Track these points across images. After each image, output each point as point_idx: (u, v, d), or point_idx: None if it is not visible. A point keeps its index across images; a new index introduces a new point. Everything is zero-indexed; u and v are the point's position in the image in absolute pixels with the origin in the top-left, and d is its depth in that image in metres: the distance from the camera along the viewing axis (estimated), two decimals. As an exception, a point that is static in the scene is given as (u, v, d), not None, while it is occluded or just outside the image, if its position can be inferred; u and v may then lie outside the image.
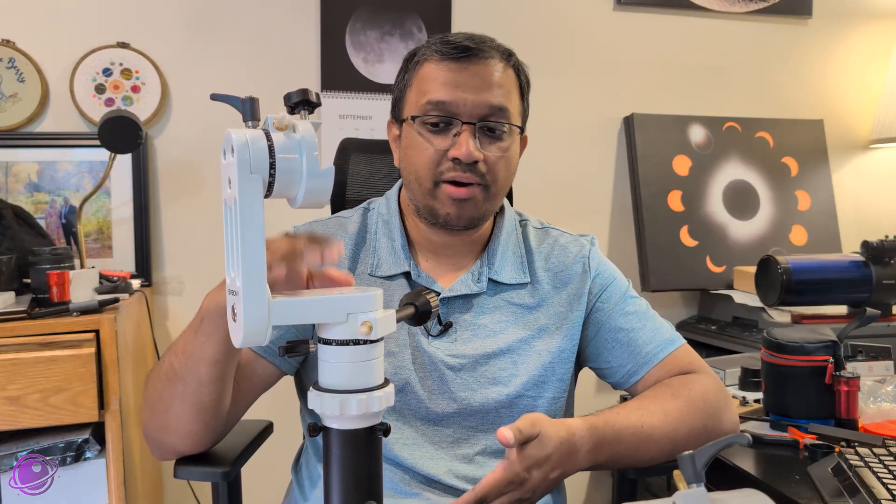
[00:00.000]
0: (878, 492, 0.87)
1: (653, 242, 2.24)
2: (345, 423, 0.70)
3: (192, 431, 1.00)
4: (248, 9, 2.06)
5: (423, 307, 0.82)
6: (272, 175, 0.68)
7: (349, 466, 0.71)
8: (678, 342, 1.15)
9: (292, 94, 0.72)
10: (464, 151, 1.02)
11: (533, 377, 1.08)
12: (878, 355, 1.44)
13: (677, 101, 2.36)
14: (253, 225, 0.68)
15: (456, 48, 1.05)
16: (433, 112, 1.05)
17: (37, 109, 1.91)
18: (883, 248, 1.68)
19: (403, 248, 1.12)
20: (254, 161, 0.67)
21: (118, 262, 1.96)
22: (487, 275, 1.11)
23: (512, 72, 1.11)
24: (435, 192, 1.06)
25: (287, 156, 0.69)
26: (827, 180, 2.43)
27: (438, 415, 1.06)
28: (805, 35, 2.48)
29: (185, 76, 2.02)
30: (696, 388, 1.07)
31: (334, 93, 2.10)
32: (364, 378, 0.70)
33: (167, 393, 0.97)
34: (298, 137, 0.70)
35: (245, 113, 0.71)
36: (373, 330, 0.69)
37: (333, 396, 0.69)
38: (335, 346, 0.70)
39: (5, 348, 1.41)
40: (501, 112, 1.06)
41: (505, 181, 1.09)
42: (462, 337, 1.09)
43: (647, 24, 2.35)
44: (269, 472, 1.51)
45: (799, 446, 1.11)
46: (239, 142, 0.67)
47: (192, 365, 0.92)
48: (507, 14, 2.25)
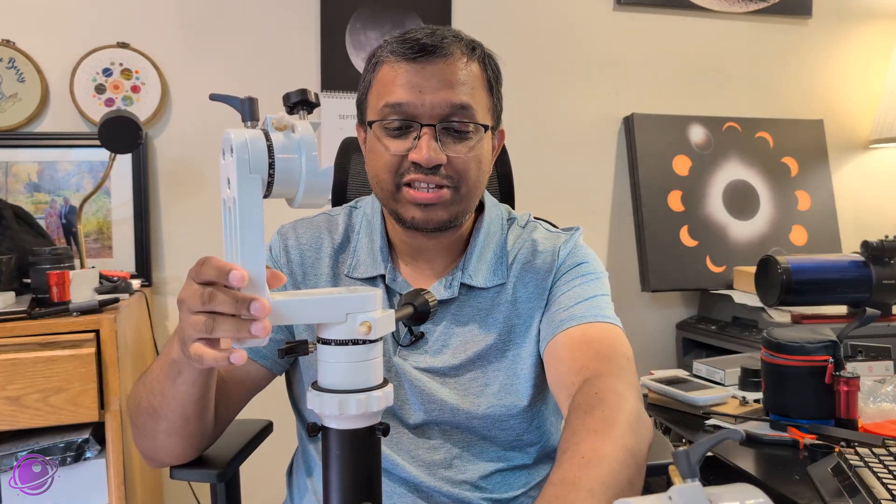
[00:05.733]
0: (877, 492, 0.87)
1: (653, 242, 2.24)
2: (344, 423, 0.70)
3: (181, 454, 1.01)
4: (248, 9, 2.06)
5: (422, 307, 0.82)
6: (271, 175, 0.69)
7: (348, 466, 0.70)
8: (599, 319, 1.01)
9: (291, 95, 0.72)
10: (424, 155, 0.97)
11: (505, 386, 1.04)
12: (878, 355, 1.44)
13: (677, 101, 2.36)
14: (252, 224, 0.69)
15: (412, 47, 0.99)
16: (392, 115, 1.00)
17: (37, 109, 1.91)
18: (883, 248, 1.67)
19: (382, 250, 1.09)
20: (253, 161, 0.68)
21: (118, 262, 1.96)
22: (461, 279, 1.07)
23: (476, 66, 1.03)
24: (397, 196, 1.01)
25: (286, 156, 0.69)
26: (827, 180, 2.43)
27: (412, 423, 1.05)
28: (805, 35, 2.48)
29: (185, 76, 2.02)
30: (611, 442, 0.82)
31: (334, 93, 2.10)
32: (363, 378, 0.70)
33: (150, 427, 0.96)
34: (297, 137, 0.70)
35: (244, 113, 0.71)
36: (372, 330, 0.69)
37: (333, 396, 0.69)
38: (334, 346, 0.70)
39: (5, 348, 1.41)
40: (464, 111, 1.00)
41: (476, 180, 1.03)
42: (432, 349, 1.06)
43: (647, 24, 2.35)
44: (269, 471, 1.51)
45: (799, 446, 1.11)
46: (238, 142, 0.67)
47: (176, 406, 0.90)
48: (507, 14, 2.25)
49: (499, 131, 1.12)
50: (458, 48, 1.01)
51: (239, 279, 0.69)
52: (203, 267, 0.72)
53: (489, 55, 1.06)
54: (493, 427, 1.05)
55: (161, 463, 1.03)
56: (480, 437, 1.05)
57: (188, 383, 0.87)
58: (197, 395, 0.89)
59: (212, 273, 0.71)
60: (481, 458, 1.05)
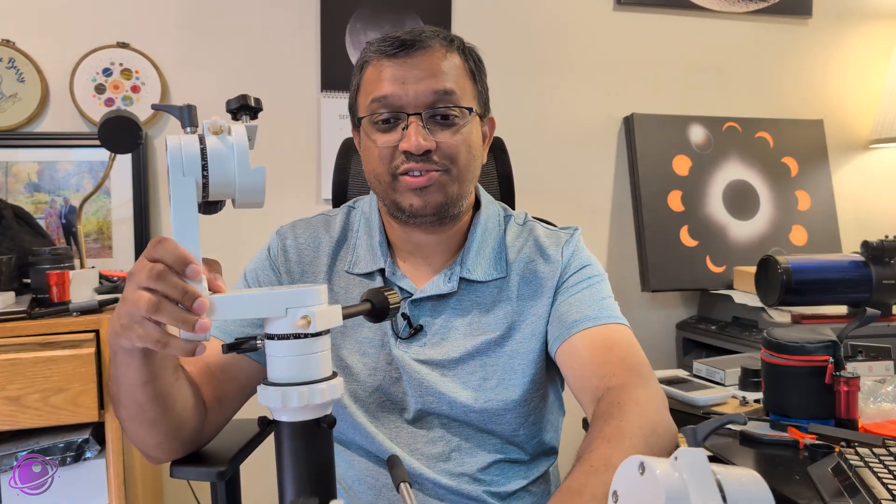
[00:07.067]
0: (878, 492, 0.87)
1: (653, 242, 2.24)
2: (290, 416, 0.72)
3: (158, 443, 0.98)
4: (248, 9, 2.06)
5: (380, 304, 0.82)
6: (205, 177, 0.74)
7: (298, 458, 0.72)
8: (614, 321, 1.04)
9: (231, 101, 0.78)
10: (412, 142, 1.00)
11: (503, 379, 1.06)
12: (878, 355, 1.43)
13: (677, 101, 2.36)
14: (187, 223, 0.74)
15: (393, 44, 1.03)
16: (379, 109, 1.03)
17: (37, 109, 1.91)
18: (883, 248, 1.67)
19: (381, 245, 1.11)
20: (186, 164, 0.74)
21: (118, 262, 1.96)
22: (459, 273, 1.09)
23: (457, 55, 1.07)
24: (394, 185, 1.04)
25: (219, 158, 0.74)
26: (827, 180, 2.43)
27: (411, 416, 1.06)
28: (805, 35, 2.48)
29: (185, 76, 2.02)
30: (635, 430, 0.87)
31: (334, 93, 2.10)
32: (307, 371, 0.71)
33: (118, 416, 0.96)
34: (231, 140, 0.75)
35: (183, 120, 0.76)
36: (311, 323, 0.70)
37: (276, 389, 0.70)
38: (277, 341, 0.71)
39: (5, 348, 1.41)
40: (448, 96, 1.03)
41: (468, 164, 1.05)
42: (431, 341, 1.07)
43: (647, 24, 2.35)
44: (270, 471, 1.51)
45: (799, 446, 1.11)
46: (172, 147, 0.74)
47: (126, 390, 0.89)
48: (507, 14, 2.25)
49: (488, 119, 1.14)
50: (437, 41, 1.05)
51: (195, 273, 0.72)
52: (159, 246, 0.73)
53: (468, 46, 1.09)
54: (489, 421, 1.06)
55: (152, 458, 1.02)
56: (478, 430, 1.07)
57: (125, 365, 0.85)
58: (140, 380, 0.86)
59: (168, 257, 0.73)
60: (479, 451, 1.06)
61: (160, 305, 0.72)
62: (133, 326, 0.74)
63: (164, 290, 0.72)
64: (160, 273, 0.72)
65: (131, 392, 0.88)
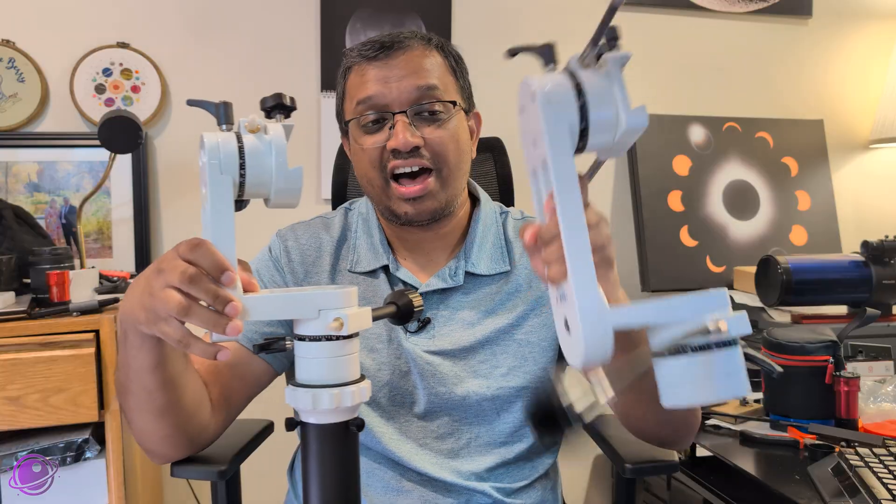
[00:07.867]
0: (878, 492, 0.87)
1: (653, 242, 2.24)
2: (319, 418, 0.72)
3: (165, 436, 0.97)
4: (248, 9, 2.06)
5: (406, 307, 0.83)
6: (242, 175, 0.72)
7: (325, 460, 0.72)
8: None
9: (267, 99, 0.76)
10: (400, 140, 1.01)
11: (513, 367, 1.07)
12: (878, 355, 1.44)
13: (677, 101, 2.36)
14: (224, 223, 0.72)
15: (373, 48, 1.05)
16: (366, 111, 1.05)
17: (37, 109, 1.91)
18: (883, 248, 1.67)
19: (382, 242, 1.12)
20: (224, 162, 0.72)
21: (118, 262, 1.95)
22: (464, 268, 1.10)
23: (437, 53, 1.09)
24: (388, 191, 1.05)
25: (257, 157, 0.73)
26: (827, 180, 2.43)
27: (421, 410, 1.07)
28: (805, 35, 2.48)
29: (185, 76, 2.02)
30: None
31: (334, 93, 2.10)
32: (337, 373, 0.71)
33: (125, 406, 0.95)
34: (269, 139, 0.74)
35: (219, 117, 0.75)
36: (344, 326, 0.70)
37: (307, 391, 0.70)
38: (309, 342, 0.71)
39: (5, 348, 1.41)
40: (432, 91, 1.04)
41: (457, 161, 1.07)
42: (440, 332, 1.08)
43: (647, 24, 2.35)
44: (270, 471, 1.51)
45: (799, 446, 1.11)
46: (210, 144, 0.72)
47: (134, 376, 0.89)
48: (507, 14, 2.24)
49: (474, 114, 1.15)
50: (416, 41, 1.07)
51: (230, 281, 0.71)
52: (197, 249, 0.72)
53: (447, 43, 1.11)
54: (501, 409, 1.06)
55: (158, 455, 1.01)
56: (488, 423, 1.07)
57: (136, 347, 0.85)
58: (150, 363, 0.86)
59: (204, 262, 0.71)
60: (488, 447, 1.07)
61: (191, 310, 0.71)
62: (157, 322, 0.74)
63: (196, 293, 0.71)
64: (192, 277, 0.71)
65: (140, 377, 0.88)
